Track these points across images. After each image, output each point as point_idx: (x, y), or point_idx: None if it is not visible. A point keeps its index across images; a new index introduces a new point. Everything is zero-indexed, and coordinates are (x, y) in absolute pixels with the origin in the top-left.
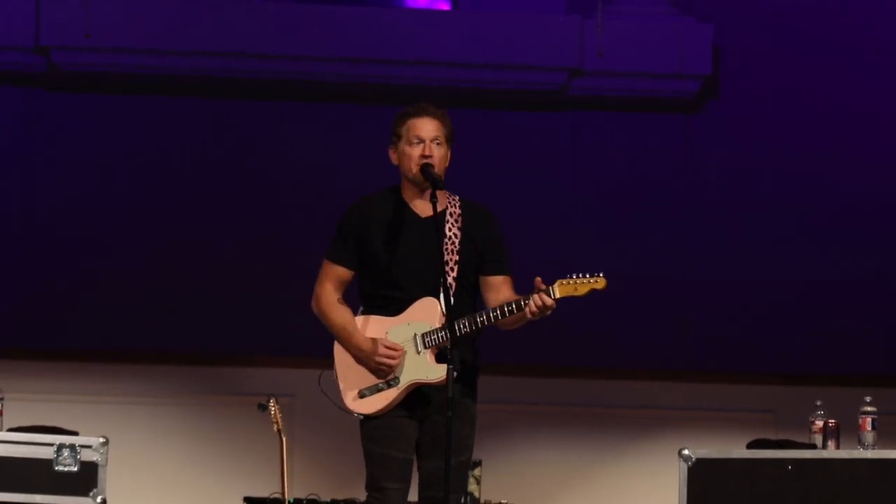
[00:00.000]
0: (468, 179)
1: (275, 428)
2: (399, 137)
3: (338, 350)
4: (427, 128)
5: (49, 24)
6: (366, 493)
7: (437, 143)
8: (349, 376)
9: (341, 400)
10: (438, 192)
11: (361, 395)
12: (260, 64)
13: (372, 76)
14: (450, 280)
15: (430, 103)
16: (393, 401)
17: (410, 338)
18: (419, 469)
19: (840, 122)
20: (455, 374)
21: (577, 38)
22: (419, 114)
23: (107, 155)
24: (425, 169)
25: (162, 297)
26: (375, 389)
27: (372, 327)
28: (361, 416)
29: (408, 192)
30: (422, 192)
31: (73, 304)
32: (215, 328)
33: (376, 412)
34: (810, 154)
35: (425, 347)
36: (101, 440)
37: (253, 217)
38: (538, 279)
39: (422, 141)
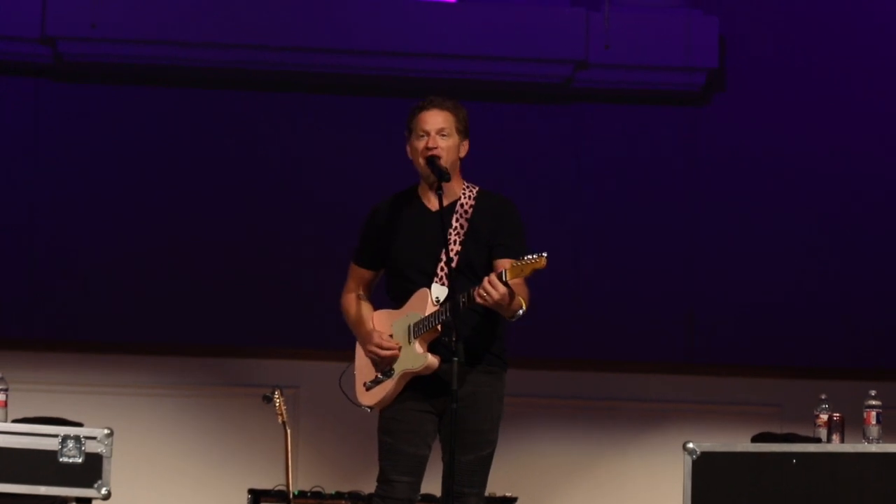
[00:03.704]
0: (472, 172)
1: (279, 420)
2: (410, 132)
3: (357, 345)
4: (432, 120)
5: (55, 15)
6: (376, 484)
7: (444, 135)
8: (362, 370)
9: (354, 393)
10: (453, 183)
11: (367, 388)
12: (266, 55)
13: (377, 69)
14: (446, 270)
15: (440, 95)
16: (390, 392)
17: (405, 329)
18: (442, 462)
19: (847, 115)
20: (454, 365)
21: (583, 30)
22: (425, 107)
23: (113, 146)
24: (431, 161)
25: (167, 288)
26: (376, 382)
27: (380, 321)
28: (367, 408)
29: (422, 187)
30: (431, 184)
31: (77, 295)
32: (220, 320)
33: (376, 403)
34: (817, 147)
35: (414, 337)
36: (106, 431)
37: (259, 209)
38: (499, 262)
39: (426, 134)
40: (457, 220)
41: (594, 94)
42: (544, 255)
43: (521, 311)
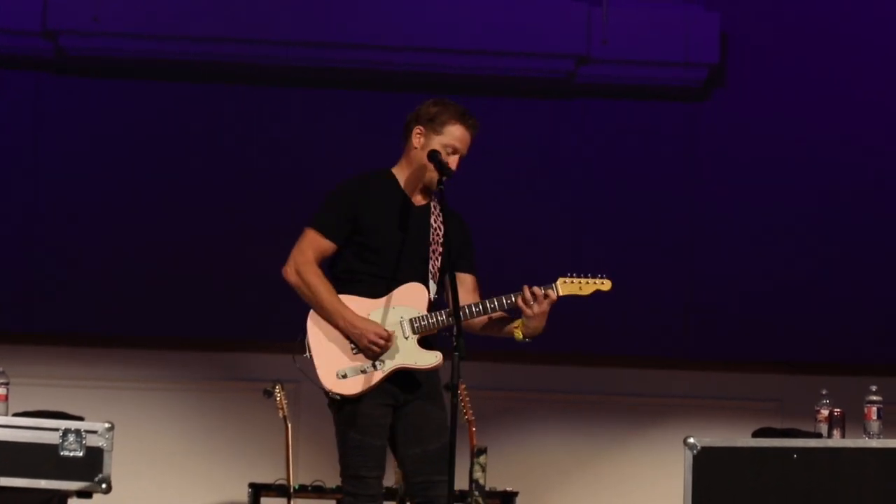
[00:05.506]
0: (474, 168)
1: (280, 414)
2: (437, 128)
3: (313, 324)
4: (467, 143)
5: (57, 8)
6: (341, 480)
7: (461, 158)
8: (326, 354)
9: (317, 377)
10: (423, 188)
11: (341, 376)
12: (267, 50)
13: (377, 63)
14: (434, 268)
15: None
16: (375, 384)
17: (396, 322)
18: (402, 457)
19: (847, 111)
20: (454, 359)
21: (585, 25)
22: (469, 125)
23: (114, 140)
24: (433, 155)
25: (168, 282)
26: (357, 371)
27: (354, 307)
28: (338, 397)
29: (406, 178)
30: (420, 180)
31: (78, 289)
32: (222, 314)
33: (357, 394)
34: (817, 143)
35: (414, 333)
36: (107, 425)
37: (260, 203)
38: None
39: (456, 152)
40: (434, 221)
41: (596, 90)
42: (605, 276)
43: (535, 335)
